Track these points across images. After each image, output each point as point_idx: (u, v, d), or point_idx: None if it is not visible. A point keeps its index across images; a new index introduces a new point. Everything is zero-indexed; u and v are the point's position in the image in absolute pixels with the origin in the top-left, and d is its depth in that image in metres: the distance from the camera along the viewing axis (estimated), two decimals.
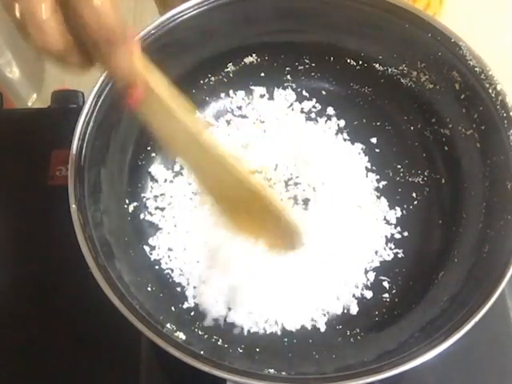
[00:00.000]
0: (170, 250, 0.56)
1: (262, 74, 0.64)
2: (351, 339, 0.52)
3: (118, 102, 0.43)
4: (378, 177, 0.60)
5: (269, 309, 0.53)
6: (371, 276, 0.55)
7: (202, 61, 0.60)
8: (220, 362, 0.44)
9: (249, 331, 0.52)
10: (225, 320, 0.52)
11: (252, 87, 0.64)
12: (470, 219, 0.54)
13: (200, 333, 0.51)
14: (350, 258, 0.55)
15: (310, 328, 0.53)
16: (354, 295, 0.54)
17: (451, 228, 0.56)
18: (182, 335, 0.48)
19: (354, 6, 0.57)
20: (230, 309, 0.53)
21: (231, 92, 0.64)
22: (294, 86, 0.64)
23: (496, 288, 0.45)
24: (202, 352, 0.45)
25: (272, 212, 0.51)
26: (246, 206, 0.51)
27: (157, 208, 0.58)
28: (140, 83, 0.40)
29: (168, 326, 0.48)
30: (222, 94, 0.64)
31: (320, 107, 0.63)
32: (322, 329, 0.53)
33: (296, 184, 0.59)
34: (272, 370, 0.47)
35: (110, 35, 0.35)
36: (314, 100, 0.64)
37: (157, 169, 0.59)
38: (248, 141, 0.61)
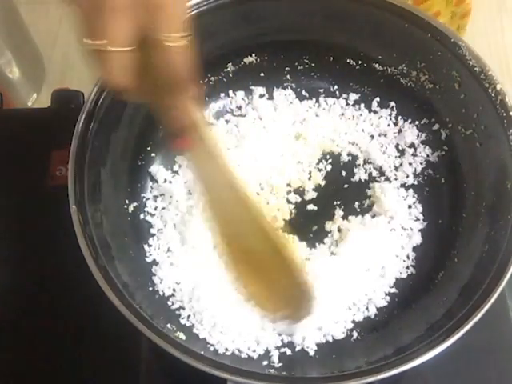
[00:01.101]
0: (169, 250, 0.56)
1: (262, 74, 0.64)
2: (351, 339, 0.52)
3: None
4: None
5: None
6: (372, 276, 0.55)
7: (201, 61, 0.60)
8: (220, 362, 0.44)
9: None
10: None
11: (252, 87, 0.64)
12: (469, 219, 0.54)
13: (200, 333, 0.51)
14: (353, 259, 0.55)
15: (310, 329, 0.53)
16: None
17: (451, 228, 0.56)
18: (182, 335, 0.48)
19: (353, 6, 0.57)
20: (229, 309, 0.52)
21: (231, 92, 0.64)
22: (293, 85, 0.64)
23: (496, 288, 0.45)
24: (202, 352, 0.45)
25: (289, 273, 0.47)
26: (259, 261, 0.48)
27: (157, 208, 0.58)
28: (193, 131, 0.42)
29: (168, 326, 0.48)
30: (222, 94, 0.64)
31: (320, 107, 0.63)
32: (325, 331, 0.52)
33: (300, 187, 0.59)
34: (272, 370, 0.47)
35: (179, 82, 0.38)
36: (314, 100, 0.64)
37: (157, 169, 0.59)
38: (247, 140, 0.61)
